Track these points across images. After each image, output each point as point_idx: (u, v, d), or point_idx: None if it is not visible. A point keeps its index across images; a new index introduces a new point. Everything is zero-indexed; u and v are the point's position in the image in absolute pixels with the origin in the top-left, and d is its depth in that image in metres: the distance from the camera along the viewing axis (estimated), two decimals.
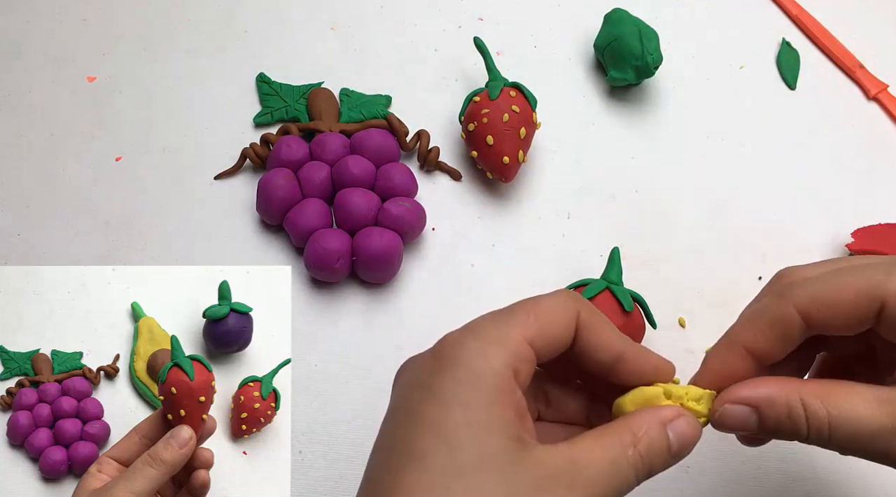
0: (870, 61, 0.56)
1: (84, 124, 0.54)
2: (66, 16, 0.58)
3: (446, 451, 0.26)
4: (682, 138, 0.53)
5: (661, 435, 0.29)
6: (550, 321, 0.29)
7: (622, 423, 0.29)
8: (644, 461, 0.28)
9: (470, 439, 0.26)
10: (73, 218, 0.50)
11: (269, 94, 0.54)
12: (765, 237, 0.50)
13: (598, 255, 0.49)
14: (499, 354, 0.28)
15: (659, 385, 0.31)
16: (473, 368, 0.27)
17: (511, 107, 0.48)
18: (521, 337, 0.28)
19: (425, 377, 0.28)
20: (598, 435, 0.28)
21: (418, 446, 0.27)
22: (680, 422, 0.29)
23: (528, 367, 0.29)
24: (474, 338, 0.28)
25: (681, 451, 0.29)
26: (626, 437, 0.28)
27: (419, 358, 0.30)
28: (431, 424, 0.27)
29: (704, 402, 0.30)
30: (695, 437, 0.29)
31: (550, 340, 0.29)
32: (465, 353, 0.28)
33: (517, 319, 0.29)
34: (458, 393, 0.27)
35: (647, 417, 0.29)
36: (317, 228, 0.47)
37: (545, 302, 0.30)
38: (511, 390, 0.28)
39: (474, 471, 0.26)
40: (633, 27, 0.51)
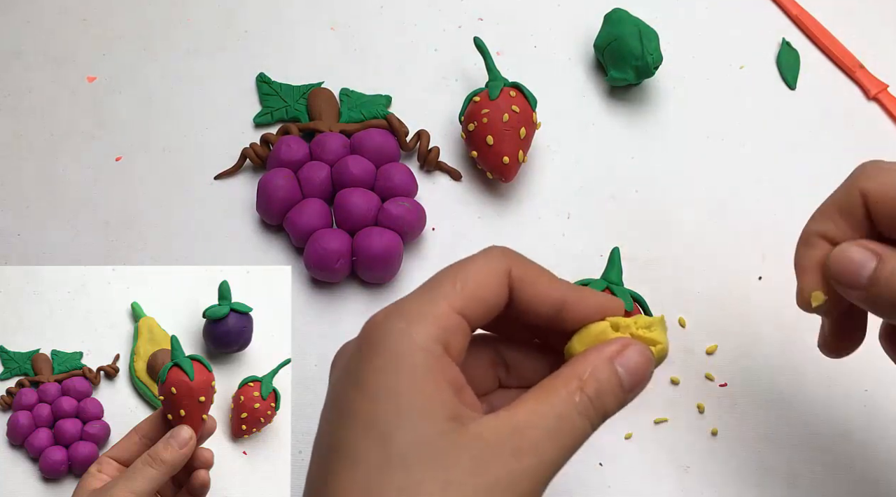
0: (870, 61, 0.56)
1: (84, 124, 0.54)
2: (66, 16, 0.58)
3: (378, 446, 0.25)
4: (682, 138, 0.53)
5: (609, 372, 0.27)
6: (479, 285, 0.28)
7: (565, 369, 0.27)
8: (595, 405, 0.26)
9: (400, 429, 0.25)
10: (73, 218, 0.50)
11: (269, 94, 0.54)
12: (765, 237, 0.50)
13: (598, 255, 0.49)
14: (424, 331, 0.26)
15: (607, 320, 0.29)
16: (398, 351, 0.26)
17: (511, 107, 0.48)
18: (448, 308, 0.27)
19: (352, 366, 0.27)
20: (541, 389, 0.27)
21: (349, 444, 0.25)
22: (628, 353, 0.27)
23: (460, 338, 0.27)
24: (398, 317, 0.27)
25: (634, 384, 0.27)
26: (572, 383, 0.26)
27: (348, 346, 0.29)
28: (360, 419, 0.26)
29: (657, 327, 0.28)
30: (647, 366, 0.27)
31: (482, 305, 0.28)
32: (388, 335, 0.26)
33: (443, 290, 0.27)
34: (384, 381, 0.26)
35: (591, 357, 0.27)
36: (317, 228, 0.47)
37: (471, 265, 0.28)
38: (442, 368, 0.26)
39: (408, 462, 0.24)
40: (633, 27, 0.51)
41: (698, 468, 0.43)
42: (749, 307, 0.48)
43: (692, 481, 0.43)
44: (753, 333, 0.46)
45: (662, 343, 0.28)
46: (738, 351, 0.46)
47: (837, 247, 0.30)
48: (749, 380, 0.45)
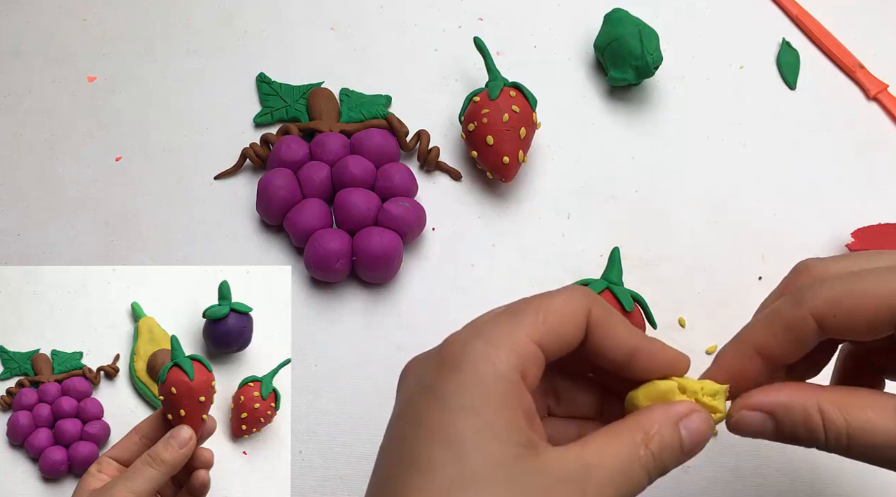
0: (870, 61, 0.56)
1: (84, 124, 0.54)
2: (66, 16, 0.58)
3: (453, 460, 0.25)
4: (682, 138, 0.53)
5: (673, 432, 0.28)
6: (560, 320, 0.28)
7: (633, 420, 0.28)
8: (656, 460, 0.27)
9: (477, 447, 0.26)
10: (73, 218, 0.50)
11: (269, 94, 0.54)
12: (765, 237, 0.50)
13: (598, 255, 0.49)
14: (506, 357, 0.27)
15: (673, 379, 0.30)
16: (480, 372, 0.27)
17: (511, 107, 0.48)
18: (528, 338, 0.28)
19: (431, 380, 0.28)
20: (609, 434, 0.28)
21: (424, 454, 0.26)
22: (693, 418, 0.28)
23: (536, 368, 0.28)
24: (481, 339, 0.28)
25: (693, 448, 0.28)
26: (638, 435, 0.27)
27: (424, 359, 0.29)
28: (438, 432, 0.26)
29: (720, 397, 0.29)
30: (707, 433, 0.29)
31: (560, 340, 0.28)
32: (471, 355, 0.27)
33: (525, 319, 0.28)
34: (464, 398, 0.26)
35: (659, 414, 0.28)
36: (317, 228, 0.47)
37: (555, 300, 0.29)
38: (519, 394, 0.27)
39: (482, 480, 0.25)
40: (633, 27, 0.51)
41: (698, 468, 0.43)
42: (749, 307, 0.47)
43: (692, 481, 0.43)
44: None
45: (723, 412, 0.30)
46: None
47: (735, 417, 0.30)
48: None
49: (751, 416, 0.29)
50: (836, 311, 0.28)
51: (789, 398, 0.29)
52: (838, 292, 0.28)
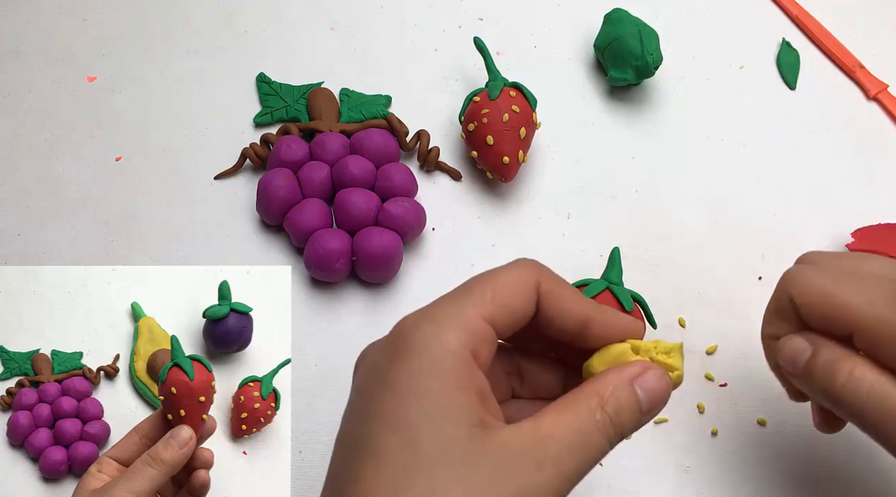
0: (870, 61, 0.56)
1: (84, 124, 0.54)
2: (66, 16, 0.58)
3: (404, 446, 0.25)
4: (682, 138, 0.53)
5: (629, 393, 0.28)
6: (509, 295, 0.28)
7: (587, 386, 0.28)
8: (614, 423, 0.27)
9: (428, 431, 0.25)
10: (73, 218, 0.50)
11: (269, 94, 0.54)
12: (765, 237, 0.50)
13: (598, 255, 0.49)
14: (455, 337, 0.27)
15: (628, 341, 0.29)
16: (429, 354, 0.26)
17: (511, 107, 0.48)
18: (478, 315, 0.27)
19: (381, 366, 0.27)
20: (564, 404, 0.27)
21: (377, 441, 0.26)
22: (648, 376, 0.28)
23: (488, 346, 0.28)
24: (429, 321, 0.27)
25: (651, 407, 0.28)
26: (593, 400, 0.27)
27: (375, 345, 0.29)
28: (388, 418, 0.26)
29: (675, 354, 0.29)
30: (665, 391, 0.28)
31: (511, 315, 0.28)
32: (420, 338, 0.27)
33: (474, 297, 0.28)
34: (414, 382, 0.26)
35: (612, 377, 0.28)
36: (317, 228, 0.47)
37: (502, 275, 0.29)
38: (470, 373, 0.27)
39: (434, 464, 0.25)
40: (633, 27, 0.51)
41: (698, 468, 0.43)
42: (749, 307, 0.47)
43: (692, 481, 0.43)
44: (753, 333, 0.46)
45: (679, 369, 0.29)
46: (738, 351, 0.46)
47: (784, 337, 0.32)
48: (749, 380, 0.45)
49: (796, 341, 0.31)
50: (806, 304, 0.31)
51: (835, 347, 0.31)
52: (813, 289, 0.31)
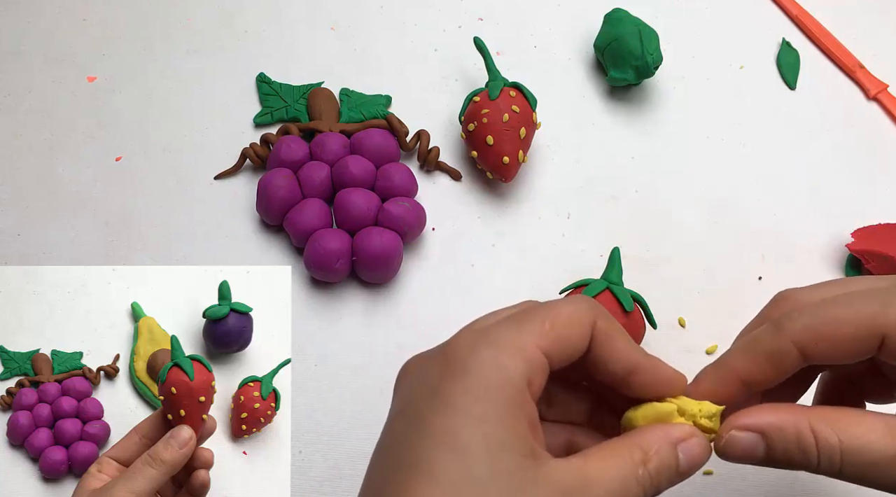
0: (870, 61, 0.56)
1: (84, 124, 0.54)
2: (66, 16, 0.58)
3: (458, 465, 0.25)
4: (682, 138, 0.53)
5: (670, 454, 0.28)
6: (567, 330, 0.28)
7: (633, 439, 0.28)
8: (653, 480, 0.28)
9: (482, 454, 0.25)
10: (73, 218, 0.50)
11: (269, 94, 0.54)
12: (765, 237, 0.50)
13: (598, 255, 0.49)
14: (514, 365, 0.27)
15: (671, 400, 0.30)
16: (487, 378, 0.26)
17: (511, 107, 0.48)
18: (535, 346, 0.27)
19: (435, 382, 0.27)
20: (609, 451, 0.28)
21: (428, 457, 0.26)
22: (691, 442, 0.29)
23: (541, 376, 0.28)
24: (488, 344, 0.27)
25: (688, 471, 0.29)
26: (637, 454, 0.28)
27: (426, 359, 0.29)
28: (442, 435, 0.26)
29: (716, 419, 0.30)
30: (704, 459, 0.29)
31: (565, 350, 0.28)
32: (478, 360, 0.27)
33: (533, 327, 0.28)
34: (470, 404, 0.26)
35: (658, 435, 0.28)
36: (317, 228, 0.47)
37: (563, 309, 0.29)
38: (524, 402, 0.27)
39: (486, 489, 0.25)
40: (633, 27, 0.51)
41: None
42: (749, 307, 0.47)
43: (692, 481, 0.43)
44: None
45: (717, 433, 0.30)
46: None
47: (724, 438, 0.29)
48: None
49: (742, 437, 0.29)
50: (816, 337, 0.29)
51: (780, 418, 0.28)
52: (817, 319, 0.29)
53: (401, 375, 0.30)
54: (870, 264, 0.46)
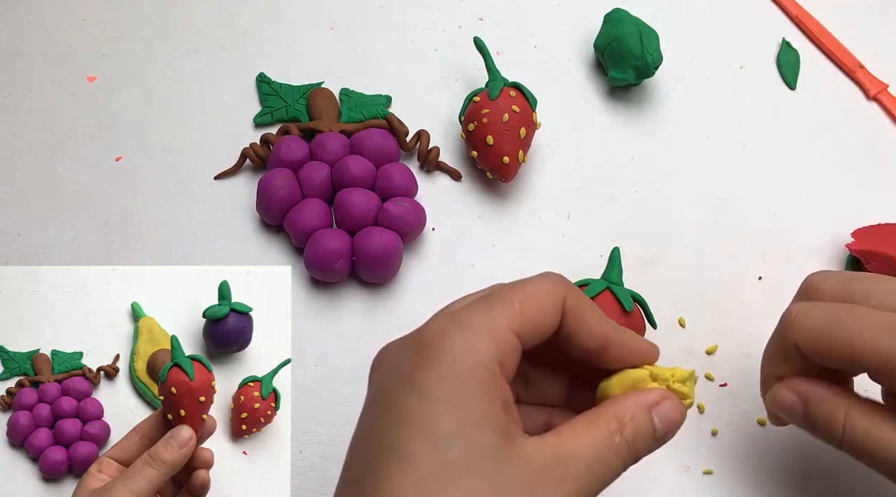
0: (870, 61, 0.56)
1: (84, 124, 0.54)
2: (66, 16, 0.58)
3: (433, 451, 0.25)
4: (682, 138, 0.53)
5: (646, 420, 0.28)
6: (537, 309, 0.28)
7: (607, 409, 0.28)
8: (630, 448, 0.28)
9: (457, 438, 0.25)
10: (73, 218, 0.50)
11: (269, 94, 0.54)
12: (765, 237, 0.50)
13: (598, 255, 0.49)
14: (485, 347, 0.27)
15: (645, 367, 0.30)
16: (459, 362, 0.26)
17: (511, 107, 0.48)
18: (506, 327, 0.28)
19: (407, 369, 0.27)
20: (585, 423, 0.28)
21: (403, 445, 0.26)
22: (665, 405, 0.29)
23: (513, 357, 0.28)
24: (459, 327, 0.27)
25: (666, 434, 0.29)
26: (613, 423, 0.28)
27: (398, 346, 0.29)
28: (416, 422, 0.26)
29: (690, 383, 0.30)
30: (679, 420, 0.29)
31: (536, 329, 0.28)
32: (449, 344, 0.27)
33: (503, 308, 0.28)
34: (443, 389, 0.26)
35: (631, 402, 0.29)
36: (317, 228, 0.47)
37: (531, 287, 0.29)
38: (497, 384, 0.27)
39: (463, 471, 0.25)
40: (633, 27, 0.51)
41: (698, 468, 0.43)
42: (749, 307, 0.48)
43: (692, 481, 0.43)
44: (753, 333, 0.46)
45: (692, 398, 0.30)
46: (738, 351, 0.46)
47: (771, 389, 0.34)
48: (749, 380, 0.45)
49: (786, 396, 0.33)
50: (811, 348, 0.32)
51: (824, 394, 0.32)
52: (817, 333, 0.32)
53: (375, 363, 0.30)
54: (870, 264, 0.46)
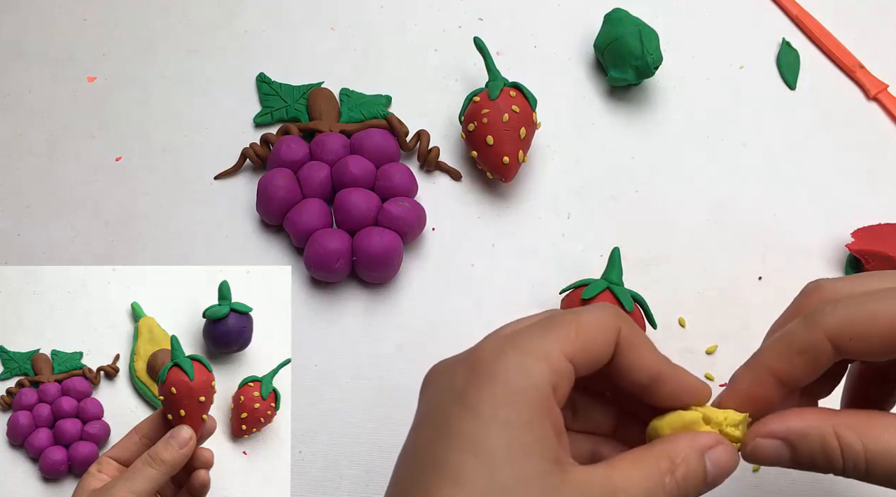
0: (870, 61, 0.56)
1: (84, 124, 0.54)
2: (66, 16, 0.58)
3: (484, 471, 0.25)
4: (682, 138, 0.53)
5: (698, 463, 0.28)
6: (592, 337, 0.28)
7: (660, 447, 0.28)
8: (680, 489, 0.27)
9: (509, 460, 0.25)
10: (73, 218, 0.50)
11: (269, 94, 0.54)
12: (765, 237, 0.50)
13: (598, 255, 0.49)
14: (540, 371, 0.27)
15: (697, 409, 0.30)
16: (513, 385, 0.26)
17: (511, 107, 0.48)
18: (561, 353, 0.27)
19: (460, 388, 0.27)
20: (636, 459, 0.28)
21: (453, 463, 0.26)
22: (718, 450, 0.28)
23: (567, 383, 0.28)
24: (514, 350, 0.27)
25: (716, 480, 0.28)
26: (664, 463, 0.28)
27: (451, 365, 0.29)
28: (468, 441, 0.26)
29: (742, 426, 0.30)
30: (732, 467, 0.29)
31: (591, 357, 0.28)
32: (504, 366, 0.27)
33: (559, 334, 0.28)
34: (496, 410, 0.26)
35: (685, 444, 0.28)
36: (317, 228, 0.47)
37: (588, 316, 0.29)
38: (550, 408, 0.27)
39: (511, 493, 0.25)
40: (633, 27, 0.51)
41: None
42: (749, 307, 0.48)
43: None
44: (753, 333, 0.46)
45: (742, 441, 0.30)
46: (738, 351, 0.46)
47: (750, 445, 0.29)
48: None
49: (767, 444, 0.29)
50: (851, 332, 0.28)
51: (805, 424, 0.28)
52: (852, 314, 0.28)
53: (426, 380, 0.30)
54: (870, 264, 0.46)
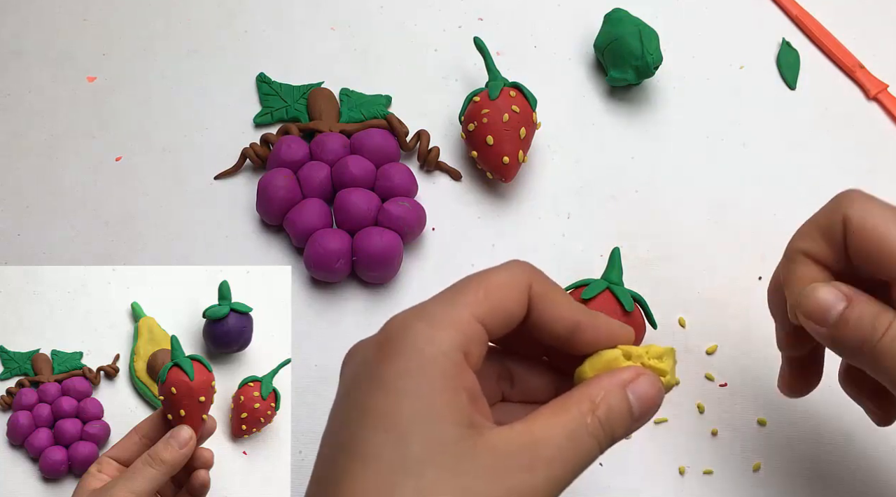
0: (870, 61, 0.56)
1: (84, 124, 0.54)
2: (66, 16, 0.58)
3: (394, 446, 0.25)
4: (682, 138, 0.53)
5: (620, 398, 0.27)
6: (501, 297, 0.28)
7: (579, 391, 0.28)
8: (605, 428, 0.27)
9: (418, 431, 0.25)
10: (73, 218, 0.50)
11: (269, 94, 0.54)
12: (765, 237, 0.50)
13: (598, 255, 0.49)
14: (448, 337, 0.26)
15: (619, 347, 0.29)
16: (420, 354, 0.26)
17: (511, 107, 0.48)
18: (470, 316, 0.27)
19: (371, 364, 0.27)
20: (555, 407, 0.27)
21: (365, 441, 0.25)
22: (640, 382, 0.28)
23: (479, 346, 0.27)
24: (421, 320, 0.27)
25: (643, 413, 0.28)
26: (584, 405, 0.27)
27: (365, 343, 0.29)
28: (378, 417, 0.26)
29: (667, 358, 0.29)
30: (657, 397, 0.28)
31: (502, 316, 0.28)
32: (411, 337, 0.27)
33: (467, 298, 0.28)
34: (405, 381, 0.26)
35: (604, 382, 0.28)
36: (317, 228, 0.47)
37: (495, 276, 0.29)
38: (462, 374, 0.26)
39: (424, 465, 0.25)
40: (633, 27, 0.51)
41: (698, 468, 0.43)
42: (749, 307, 0.47)
43: (692, 481, 0.43)
44: (753, 333, 0.46)
45: (672, 374, 0.29)
46: (738, 351, 0.46)
47: (809, 286, 0.31)
48: (749, 380, 0.45)
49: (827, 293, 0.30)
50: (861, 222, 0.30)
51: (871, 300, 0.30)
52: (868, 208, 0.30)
53: (343, 362, 0.29)
54: None
